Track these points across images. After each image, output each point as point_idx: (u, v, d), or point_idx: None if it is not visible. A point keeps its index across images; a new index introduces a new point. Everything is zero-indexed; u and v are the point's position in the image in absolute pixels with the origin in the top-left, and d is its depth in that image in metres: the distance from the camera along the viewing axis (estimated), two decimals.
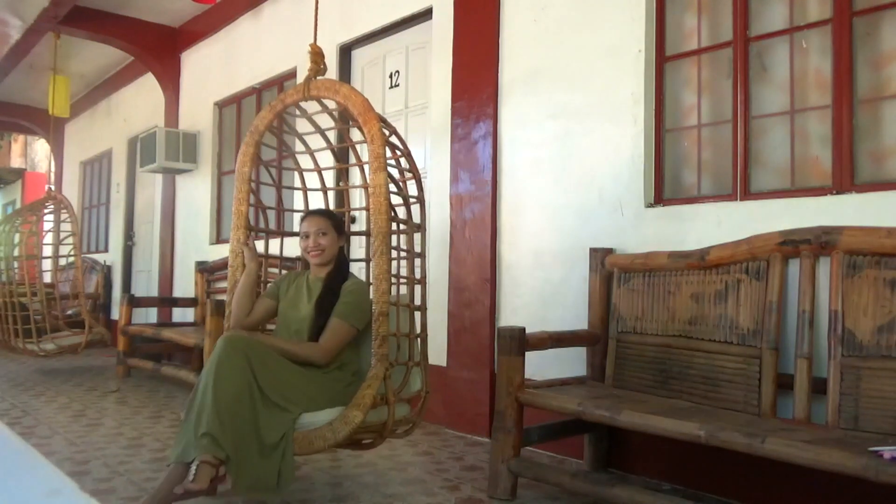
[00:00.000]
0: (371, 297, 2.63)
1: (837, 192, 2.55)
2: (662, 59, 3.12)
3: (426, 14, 4.24)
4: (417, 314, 2.79)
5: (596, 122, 3.26)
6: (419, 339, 2.76)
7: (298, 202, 3.44)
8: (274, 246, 3.33)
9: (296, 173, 3.26)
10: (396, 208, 2.79)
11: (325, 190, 3.18)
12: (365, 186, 3.19)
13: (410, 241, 2.76)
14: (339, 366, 2.62)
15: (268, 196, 5.12)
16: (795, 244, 2.46)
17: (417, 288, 2.81)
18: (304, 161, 3.33)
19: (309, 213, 2.81)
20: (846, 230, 2.35)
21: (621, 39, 3.17)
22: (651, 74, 3.11)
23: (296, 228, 2.99)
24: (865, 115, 2.58)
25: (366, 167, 2.73)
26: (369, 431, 2.53)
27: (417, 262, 2.83)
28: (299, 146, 3.19)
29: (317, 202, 3.26)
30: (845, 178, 2.56)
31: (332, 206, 3.21)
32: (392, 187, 2.67)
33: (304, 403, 2.40)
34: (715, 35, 3.00)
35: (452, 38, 3.97)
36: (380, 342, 2.43)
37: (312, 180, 3.34)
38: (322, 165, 3.24)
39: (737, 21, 2.90)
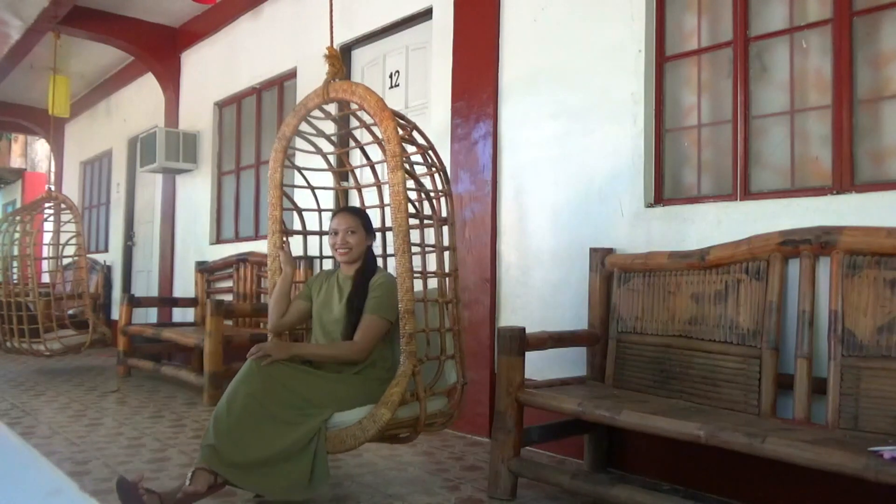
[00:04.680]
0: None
1: (837, 192, 2.55)
2: (662, 59, 3.12)
3: (426, 14, 4.24)
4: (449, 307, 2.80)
5: (596, 122, 3.26)
6: (452, 332, 2.76)
7: (323, 202, 3.47)
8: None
9: (326, 174, 3.29)
10: (423, 203, 2.81)
11: (359, 188, 3.26)
12: (377, 184, 3.20)
13: (437, 235, 2.76)
14: (370, 363, 2.64)
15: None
16: (795, 244, 2.46)
17: (449, 281, 2.80)
18: (314, 162, 3.34)
19: (339, 211, 2.85)
20: (846, 230, 2.35)
21: (621, 39, 3.17)
22: (651, 74, 3.11)
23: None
24: (865, 115, 2.58)
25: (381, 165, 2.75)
26: (403, 427, 2.58)
27: (447, 255, 2.82)
28: (306, 146, 3.20)
29: (328, 202, 3.27)
30: (845, 178, 2.56)
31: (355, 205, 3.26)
32: (412, 183, 2.69)
33: (333, 405, 2.47)
34: (715, 35, 3.00)
35: (452, 38, 3.97)
36: (407, 339, 2.46)
37: (322, 180, 3.34)
38: (335, 165, 3.26)
39: (737, 21, 2.90)
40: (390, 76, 4.60)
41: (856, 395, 2.24)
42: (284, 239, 2.95)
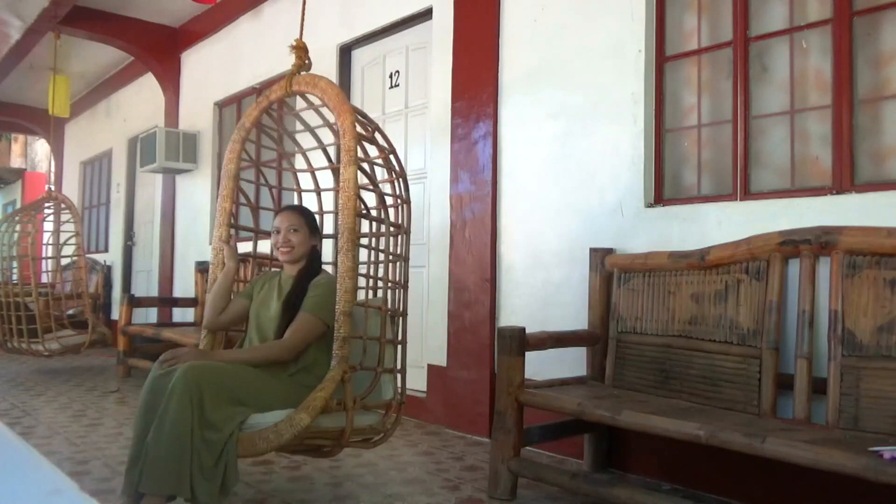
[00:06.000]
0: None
1: (837, 192, 2.55)
2: (662, 59, 3.12)
3: (426, 14, 4.24)
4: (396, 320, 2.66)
5: (596, 122, 3.27)
6: (397, 346, 2.63)
7: (290, 202, 3.40)
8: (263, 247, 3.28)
9: (290, 173, 3.23)
10: (381, 209, 2.71)
11: (318, 191, 3.14)
12: (336, 189, 3.11)
13: (388, 242, 2.64)
14: (304, 367, 2.49)
15: (264, 196, 5.12)
16: (795, 244, 2.46)
17: (398, 293, 2.68)
18: (299, 160, 3.32)
19: (282, 210, 2.74)
20: (846, 230, 2.35)
21: (621, 39, 3.17)
22: (651, 74, 3.11)
23: None
24: (865, 115, 2.58)
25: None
26: (325, 437, 2.37)
27: (399, 265, 2.69)
28: (292, 146, 3.16)
29: (310, 203, 3.24)
30: (845, 178, 2.56)
31: (326, 207, 3.16)
32: (372, 186, 2.57)
33: (254, 405, 2.28)
34: (715, 35, 3.00)
35: (452, 38, 3.97)
36: (340, 343, 2.31)
37: (306, 181, 3.32)
38: (317, 164, 3.22)
39: (737, 21, 2.90)
40: (390, 76, 4.60)
41: (856, 395, 2.23)
42: (232, 233, 2.82)
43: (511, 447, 2.65)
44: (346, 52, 4.86)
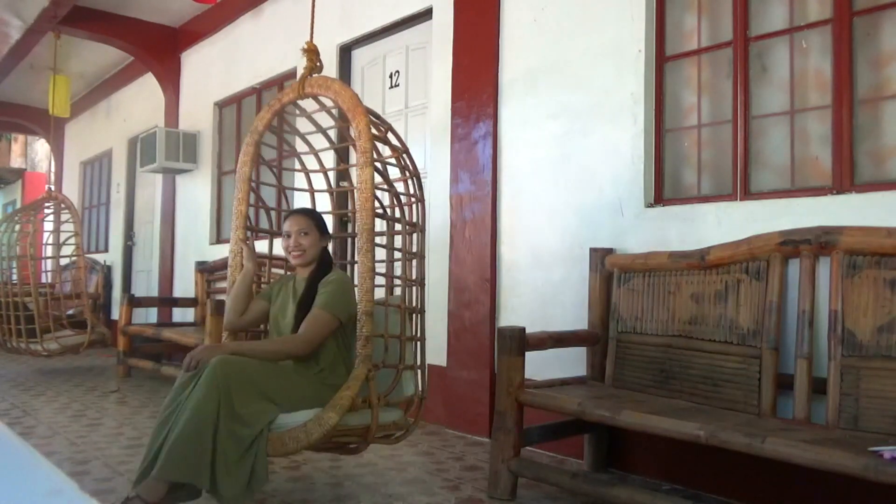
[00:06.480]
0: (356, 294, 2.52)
1: (837, 192, 2.55)
2: (662, 59, 3.12)
3: (426, 14, 4.24)
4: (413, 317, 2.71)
5: (596, 122, 3.26)
6: (416, 343, 2.68)
7: (301, 203, 3.41)
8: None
9: (297, 174, 3.24)
10: (395, 208, 2.75)
11: (331, 191, 3.16)
12: (349, 189, 3.12)
13: (404, 241, 2.68)
14: (326, 366, 2.53)
15: (270, 196, 5.12)
16: (795, 244, 2.46)
17: (415, 290, 2.74)
18: (307, 161, 3.32)
19: (291, 213, 2.75)
20: (846, 230, 2.35)
21: (621, 39, 3.17)
22: (651, 74, 3.11)
23: None
24: (865, 115, 2.58)
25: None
26: (352, 435, 2.43)
27: (415, 263, 2.75)
28: (301, 146, 3.17)
29: (322, 203, 3.25)
30: (845, 178, 2.56)
31: (324, 207, 3.17)
32: (385, 186, 2.62)
33: (283, 404, 2.31)
34: (715, 35, 3.00)
35: (452, 39, 3.97)
36: (363, 342, 2.35)
37: (316, 181, 3.33)
38: (325, 166, 3.23)
39: (737, 21, 2.90)
40: (390, 76, 4.60)
41: (856, 395, 2.23)
42: (249, 235, 2.84)
43: (511, 447, 2.65)
44: (346, 52, 4.86)
